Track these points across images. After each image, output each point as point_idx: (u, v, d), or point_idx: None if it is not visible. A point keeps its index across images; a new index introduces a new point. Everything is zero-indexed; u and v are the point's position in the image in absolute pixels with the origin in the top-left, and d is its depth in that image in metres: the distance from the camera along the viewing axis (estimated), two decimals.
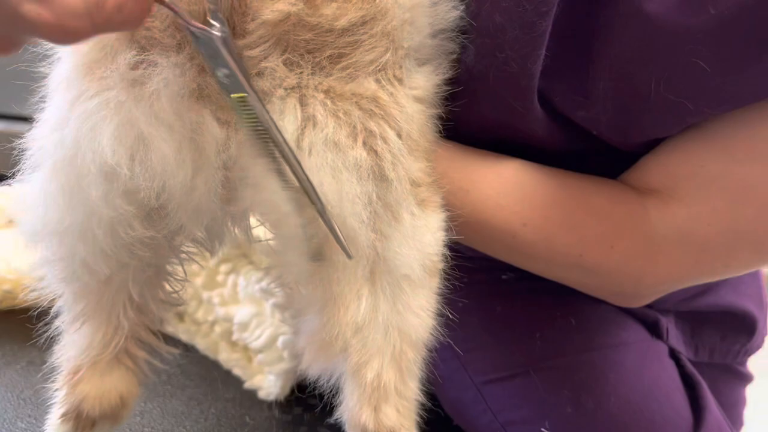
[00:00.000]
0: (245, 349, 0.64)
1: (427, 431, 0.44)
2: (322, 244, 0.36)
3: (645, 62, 0.39)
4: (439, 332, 0.42)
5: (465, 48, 0.43)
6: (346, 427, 0.44)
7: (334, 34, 0.34)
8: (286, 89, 0.34)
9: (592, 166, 0.46)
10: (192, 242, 0.41)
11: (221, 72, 0.32)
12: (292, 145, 0.34)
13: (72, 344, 0.41)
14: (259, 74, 0.34)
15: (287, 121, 0.34)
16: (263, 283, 0.63)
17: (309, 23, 0.34)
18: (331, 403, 0.44)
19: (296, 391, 0.62)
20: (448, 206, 0.41)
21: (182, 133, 0.34)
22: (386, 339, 0.40)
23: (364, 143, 0.36)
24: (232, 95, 0.32)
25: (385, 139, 0.36)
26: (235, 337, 0.63)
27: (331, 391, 0.43)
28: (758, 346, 0.66)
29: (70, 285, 0.40)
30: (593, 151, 0.46)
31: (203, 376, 0.64)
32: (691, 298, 0.60)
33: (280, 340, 0.59)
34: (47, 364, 0.43)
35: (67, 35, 0.26)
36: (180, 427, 0.56)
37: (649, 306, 0.57)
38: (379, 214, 0.37)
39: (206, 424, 0.57)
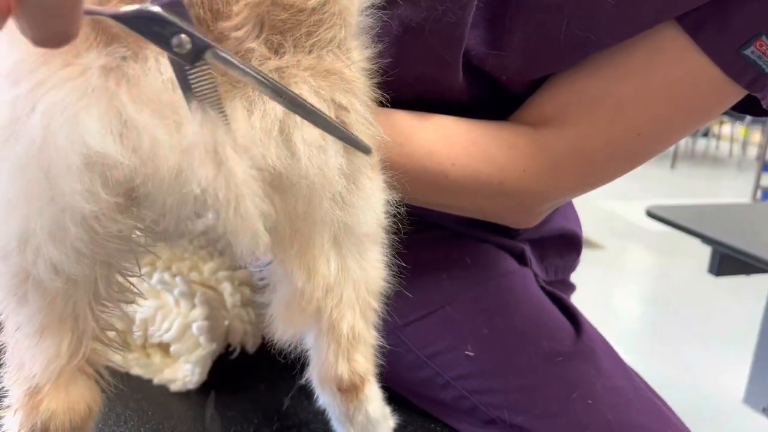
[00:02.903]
0: (143, 346, 0.62)
1: None
2: None
3: (558, 8, 0.48)
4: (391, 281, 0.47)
5: (396, 4, 0.48)
6: (318, 384, 0.47)
7: (306, 13, 0.36)
8: (269, 71, 0.35)
9: (491, 112, 0.55)
10: (151, 234, 0.40)
11: (175, 40, 0.30)
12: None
13: (32, 360, 0.38)
14: (247, 52, 0.35)
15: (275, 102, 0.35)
16: (158, 276, 0.61)
17: (284, 3, 0.35)
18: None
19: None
20: (388, 163, 0.45)
21: (169, 117, 0.33)
22: (356, 293, 0.44)
23: (336, 116, 0.38)
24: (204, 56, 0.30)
25: (355, 111, 0.39)
26: (135, 334, 0.60)
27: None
28: (579, 261, 0.82)
29: (31, 296, 0.36)
30: (492, 97, 0.55)
31: None
32: (539, 227, 0.71)
33: (194, 327, 0.58)
34: None
35: None
36: None
37: (514, 238, 0.68)
38: (346, 184, 0.40)
39: (128, 426, 0.55)
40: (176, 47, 0.30)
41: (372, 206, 0.43)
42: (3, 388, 0.40)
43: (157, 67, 0.33)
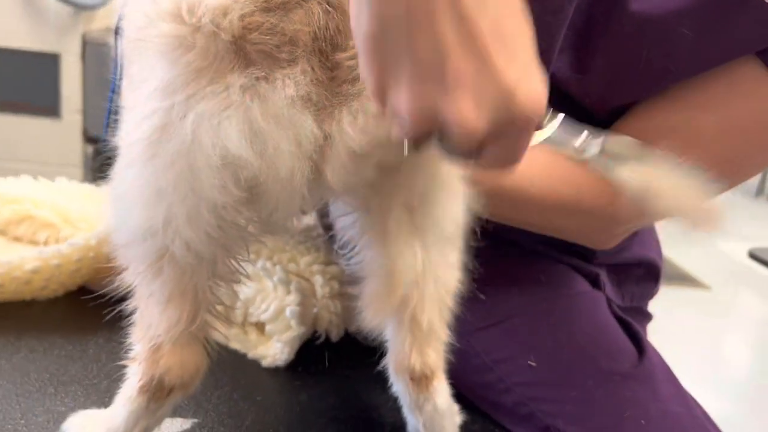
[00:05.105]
0: (242, 324, 0.70)
1: None
2: None
3: (639, 37, 0.52)
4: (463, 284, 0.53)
5: None
6: (393, 372, 0.52)
7: None
8: None
9: None
10: (263, 225, 0.48)
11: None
12: None
13: (159, 323, 0.46)
14: (355, 79, 0.41)
15: None
16: (262, 263, 0.69)
17: None
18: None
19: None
20: (472, 180, 0.51)
21: (290, 129, 0.40)
22: (436, 290, 0.49)
23: None
24: None
25: None
26: (237, 312, 0.68)
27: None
28: (658, 291, 0.83)
29: (165, 269, 0.44)
30: (578, 122, 0.58)
31: None
32: (617, 253, 0.74)
33: (288, 310, 0.65)
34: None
35: None
36: (200, 395, 0.61)
37: (590, 262, 0.71)
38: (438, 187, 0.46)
39: (223, 390, 0.62)
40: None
41: (455, 212, 0.48)
42: (129, 342, 0.48)
43: (283, 87, 0.40)
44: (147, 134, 0.41)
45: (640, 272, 0.78)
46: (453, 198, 0.48)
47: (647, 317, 0.84)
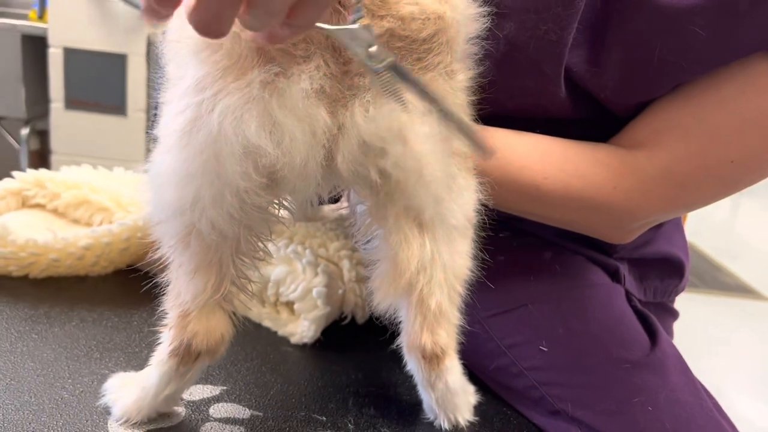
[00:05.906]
0: (274, 304, 0.74)
1: None
2: None
3: (652, 33, 0.53)
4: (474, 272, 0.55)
5: (502, 26, 0.56)
6: (406, 350, 0.56)
7: (418, 42, 0.46)
8: None
9: (590, 133, 0.60)
10: (282, 208, 0.52)
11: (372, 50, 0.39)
12: None
13: (186, 291, 0.50)
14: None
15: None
16: (293, 247, 0.74)
17: (401, 35, 0.45)
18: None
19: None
20: (482, 172, 0.53)
21: (305, 120, 0.44)
22: (445, 275, 0.52)
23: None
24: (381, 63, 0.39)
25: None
26: (269, 292, 0.73)
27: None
28: (683, 288, 0.84)
29: (193, 243, 0.49)
30: (593, 118, 0.60)
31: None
32: (639, 248, 0.75)
33: (314, 291, 0.70)
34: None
35: None
36: (230, 366, 0.66)
37: (609, 255, 0.73)
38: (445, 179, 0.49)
39: (254, 362, 0.67)
40: (371, 57, 0.39)
41: (463, 203, 0.51)
42: (163, 310, 0.53)
43: (299, 82, 0.44)
44: (181, 126, 0.45)
45: (664, 268, 0.78)
46: (460, 191, 0.51)
47: (673, 314, 0.85)
